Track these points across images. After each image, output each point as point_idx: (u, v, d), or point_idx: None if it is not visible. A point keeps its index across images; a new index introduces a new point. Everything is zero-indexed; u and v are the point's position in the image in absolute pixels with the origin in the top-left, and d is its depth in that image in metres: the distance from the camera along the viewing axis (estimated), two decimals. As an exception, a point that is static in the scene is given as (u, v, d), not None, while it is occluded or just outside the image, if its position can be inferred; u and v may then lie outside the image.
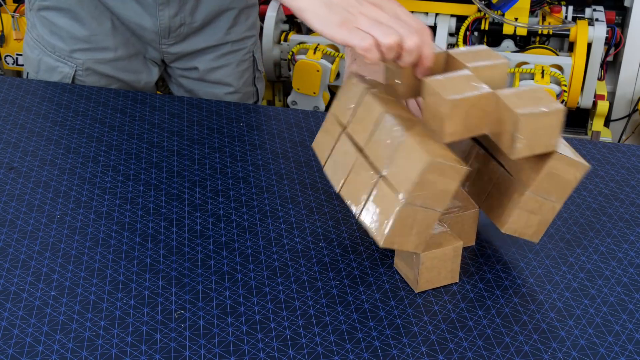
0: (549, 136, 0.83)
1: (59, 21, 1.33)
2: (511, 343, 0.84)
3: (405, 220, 0.83)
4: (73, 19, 1.32)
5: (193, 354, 0.82)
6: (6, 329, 0.85)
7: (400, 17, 0.88)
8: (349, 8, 0.87)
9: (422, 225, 0.84)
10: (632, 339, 0.84)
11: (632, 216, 1.03)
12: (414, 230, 0.84)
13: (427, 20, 2.21)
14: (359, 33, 0.86)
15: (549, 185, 0.87)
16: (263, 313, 0.87)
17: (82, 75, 1.36)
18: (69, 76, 1.36)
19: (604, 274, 0.93)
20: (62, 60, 1.35)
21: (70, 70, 1.35)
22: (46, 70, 1.37)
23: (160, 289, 0.91)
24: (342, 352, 0.83)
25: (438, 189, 0.82)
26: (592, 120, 2.20)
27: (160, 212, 1.03)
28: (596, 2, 2.23)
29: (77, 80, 1.36)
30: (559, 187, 0.88)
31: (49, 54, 1.36)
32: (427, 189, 0.81)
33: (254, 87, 1.52)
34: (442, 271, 0.89)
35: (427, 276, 0.89)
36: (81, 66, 1.35)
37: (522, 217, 0.89)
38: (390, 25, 0.86)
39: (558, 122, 0.83)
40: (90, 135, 1.20)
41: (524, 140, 0.82)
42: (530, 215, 0.89)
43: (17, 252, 0.96)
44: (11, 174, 1.11)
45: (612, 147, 1.18)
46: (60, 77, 1.36)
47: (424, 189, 0.81)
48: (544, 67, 2.07)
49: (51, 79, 1.37)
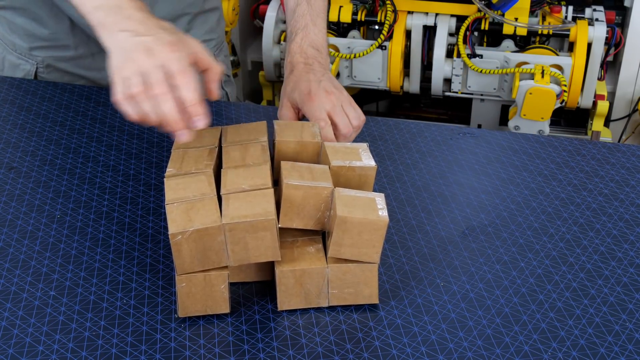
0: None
1: (16, 20, 1.34)
2: (511, 343, 0.84)
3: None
4: (30, 17, 1.32)
5: (193, 354, 0.82)
6: (6, 329, 0.85)
7: (164, 67, 0.87)
8: (131, 54, 0.88)
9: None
10: (632, 339, 0.84)
11: (632, 216, 1.03)
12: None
13: (427, 20, 2.21)
14: (118, 85, 0.88)
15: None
16: (263, 313, 0.87)
17: (44, 72, 1.37)
18: (30, 73, 1.36)
19: (604, 274, 0.93)
20: (23, 57, 1.36)
21: (32, 67, 1.36)
22: (10, 68, 1.39)
23: (160, 289, 0.91)
24: (342, 352, 0.83)
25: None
26: (592, 120, 2.20)
27: (160, 212, 1.03)
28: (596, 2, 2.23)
29: (39, 77, 1.37)
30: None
31: (11, 52, 1.37)
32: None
33: (222, 91, 1.50)
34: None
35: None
36: (41, 63, 1.36)
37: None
38: (147, 76, 0.86)
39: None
40: (90, 135, 1.20)
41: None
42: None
43: (17, 252, 0.96)
44: (11, 174, 1.11)
45: (612, 147, 1.18)
46: (23, 74, 1.37)
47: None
48: (544, 67, 2.07)
49: (15, 76, 1.37)
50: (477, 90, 2.23)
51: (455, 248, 0.97)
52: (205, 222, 0.83)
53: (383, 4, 2.22)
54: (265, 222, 0.83)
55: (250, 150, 0.95)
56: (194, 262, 0.84)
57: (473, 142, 1.19)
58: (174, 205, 0.86)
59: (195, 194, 0.87)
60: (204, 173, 0.91)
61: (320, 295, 0.87)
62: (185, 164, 0.93)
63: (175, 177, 0.91)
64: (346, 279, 0.87)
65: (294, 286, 0.86)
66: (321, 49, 1.15)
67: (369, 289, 0.88)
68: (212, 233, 0.83)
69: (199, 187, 0.89)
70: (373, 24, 2.25)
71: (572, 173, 1.11)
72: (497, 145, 1.18)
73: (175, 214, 0.85)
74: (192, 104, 0.86)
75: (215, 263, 0.85)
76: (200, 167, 0.93)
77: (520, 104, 2.07)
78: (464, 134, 1.20)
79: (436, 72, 2.22)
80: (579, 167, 1.13)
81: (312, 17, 1.17)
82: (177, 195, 0.87)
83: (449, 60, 2.21)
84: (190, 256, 0.84)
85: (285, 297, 0.87)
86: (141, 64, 0.87)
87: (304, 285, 0.86)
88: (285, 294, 0.87)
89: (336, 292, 0.87)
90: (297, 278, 0.86)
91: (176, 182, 0.90)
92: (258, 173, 0.90)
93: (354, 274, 0.87)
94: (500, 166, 1.13)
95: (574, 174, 1.11)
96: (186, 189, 0.88)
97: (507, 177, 1.10)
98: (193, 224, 0.83)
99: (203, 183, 0.89)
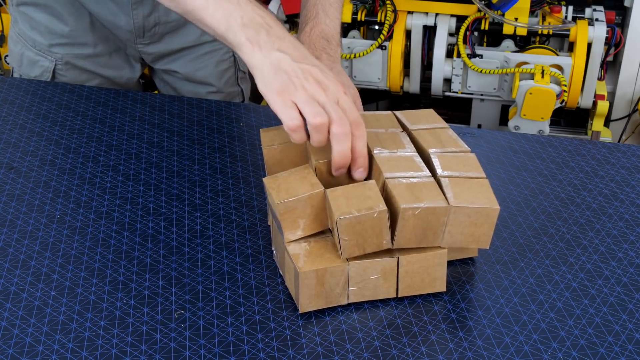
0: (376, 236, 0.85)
1: (37, 16, 1.34)
2: (511, 343, 0.84)
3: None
4: (51, 14, 1.33)
5: (193, 354, 0.82)
6: (6, 329, 0.85)
7: (339, 103, 0.87)
8: (293, 78, 0.87)
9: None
10: (632, 339, 0.84)
11: (632, 216, 1.03)
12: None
13: (427, 20, 2.21)
14: (291, 111, 0.86)
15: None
16: (263, 313, 0.87)
17: (62, 69, 1.37)
18: (49, 70, 1.37)
19: (604, 274, 0.93)
20: (42, 54, 1.36)
21: (50, 64, 1.36)
22: (28, 64, 1.39)
23: (160, 289, 0.91)
24: (342, 352, 0.83)
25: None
26: (592, 120, 2.20)
27: (160, 212, 1.03)
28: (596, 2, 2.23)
29: (57, 74, 1.37)
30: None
31: (30, 48, 1.37)
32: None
33: (238, 87, 1.51)
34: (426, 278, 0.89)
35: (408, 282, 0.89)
36: (60, 60, 1.36)
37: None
38: (325, 107, 0.86)
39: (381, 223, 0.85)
40: (90, 135, 1.20)
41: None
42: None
43: (17, 252, 0.96)
44: (11, 174, 1.11)
45: (612, 147, 1.18)
46: (41, 71, 1.37)
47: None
48: (544, 67, 2.07)
49: (32, 73, 1.38)
50: (477, 90, 2.23)
51: (455, 248, 0.97)
52: (435, 201, 0.85)
53: (383, 4, 2.22)
54: (490, 211, 0.86)
55: (443, 136, 0.96)
56: (411, 238, 0.86)
57: (473, 142, 1.18)
58: (396, 181, 0.87)
59: (411, 172, 0.89)
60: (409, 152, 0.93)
61: (342, 293, 0.87)
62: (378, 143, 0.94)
63: (385, 157, 0.91)
64: (366, 275, 0.87)
65: (316, 287, 0.86)
66: (331, 40, 1.12)
67: (388, 283, 0.88)
68: (438, 213, 0.85)
69: (411, 166, 0.90)
70: (373, 24, 2.26)
71: (572, 173, 1.11)
72: (497, 145, 1.18)
73: (399, 189, 0.86)
74: (362, 156, 0.88)
75: (430, 242, 0.87)
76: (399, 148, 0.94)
77: (520, 104, 2.07)
78: (464, 134, 1.20)
79: (436, 72, 2.22)
80: (579, 167, 1.13)
81: (324, 6, 1.14)
82: (394, 173, 0.89)
83: (449, 60, 2.21)
84: (411, 233, 0.85)
85: (306, 299, 0.86)
86: (315, 94, 0.86)
87: (325, 285, 0.86)
88: (306, 296, 0.86)
89: (355, 289, 0.87)
90: (319, 278, 0.85)
91: (387, 158, 0.91)
92: (469, 162, 0.92)
93: (375, 269, 0.87)
94: (500, 166, 1.13)
95: (574, 174, 1.11)
96: (399, 167, 0.90)
97: (507, 177, 1.10)
98: (423, 201, 0.85)
99: (413, 162, 0.91)
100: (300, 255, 0.86)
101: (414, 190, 0.86)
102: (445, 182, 0.88)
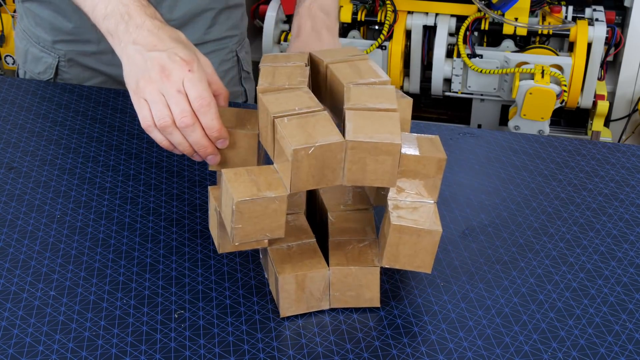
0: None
1: (42, 13, 1.34)
2: (511, 343, 0.84)
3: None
4: (55, 11, 1.33)
5: (193, 354, 0.82)
6: (6, 329, 0.85)
7: (184, 86, 0.88)
8: (143, 72, 0.89)
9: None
10: (632, 339, 0.84)
11: (632, 216, 1.03)
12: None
13: (427, 20, 2.21)
14: (144, 110, 0.89)
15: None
16: (263, 313, 0.87)
17: (65, 66, 1.37)
18: (52, 66, 1.37)
19: (604, 274, 0.93)
20: (46, 50, 1.36)
21: (54, 60, 1.36)
22: (32, 60, 1.39)
23: (160, 289, 0.91)
24: (342, 352, 0.83)
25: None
26: (592, 120, 2.20)
27: (160, 212, 1.03)
28: (596, 2, 2.23)
29: (60, 70, 1.37)
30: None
31: (35, 44, 1.38)
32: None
33: (241, 87, 1.51)
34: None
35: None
36: (63, 57, 1.36)
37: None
38: (169, 101, 0.87)
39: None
40: (90, 135, 1.20)
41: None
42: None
43: (17, 252, 0.96)
44: (11, 174, 1.11)
45: (612, 147, 1.18)
46: (44, 67, 1.37)
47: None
48: (544, 67, 2.07)
49: (36, 69, 1.38)
50: (477, 90, 2.23)
51: (455, 248, 0.97)
52: (328, 139, 0.78)
53: (383, 4, 2.22)
54: (390, 147, 0.79)
55: (362, 67, 0.90)
56: (309, 179, 0.80)
57: (473, 142, 1.19)
58: (284, 120, 0.80)
59: (302, 107, 0.82)
60: (299, 89, 0.86)
61: (322, 298, 0.87)
62: (278, 79, 0.88)
63: (271, 92, 0.85)
64: (348, 281, 0.86)
65: (296, 292, 0.86)
66: (331, 13, 1.13)
67: (371, 292, 0.87)
68: (333, 149, 0.78)
69: (303, 102, 0.83)
70: (373, 24, 2.26)
71: (572, 173, 1.11)
72: (497, 145, 1.18)
73: (290, 128, 0.79)
74: (216, 130, 0.88)
75: (330, 181, 0.81)
76: (293, 83, 0.87)
77: (520, 104, 2.08)
78: (464, 134, 1.20)
79: (436, 72, 2.22)
80: (579, 167, 1.13)
81: None
82: (281, 109, 0.82)
83: (449, 60, 2.22)
84: (307, 174, 0.79)
85: (287, 303, 0.86)
86: (160, 87, 0.88)
87: (305, 290, 0.86)
88: (287, 300, 0.86)
89: (338, 294, 0.87)
90: (299, 283, 0.85)
91: (275, 97, 0.84)
92: (383, 93, 0.85)
93: (356, 277, 0.86)
94: (500, 166, 1.13)
95: (574, 174, 1.11)
96: (289, 103, 0.83)
97: (507, 177, 1.10)
98: (316, 140, 0.78)
99: (304, 98, 0.84)
100: (280, 260, 0.86)
101: (305, 127, 0.80)
102: (350, 114, 0.82)
